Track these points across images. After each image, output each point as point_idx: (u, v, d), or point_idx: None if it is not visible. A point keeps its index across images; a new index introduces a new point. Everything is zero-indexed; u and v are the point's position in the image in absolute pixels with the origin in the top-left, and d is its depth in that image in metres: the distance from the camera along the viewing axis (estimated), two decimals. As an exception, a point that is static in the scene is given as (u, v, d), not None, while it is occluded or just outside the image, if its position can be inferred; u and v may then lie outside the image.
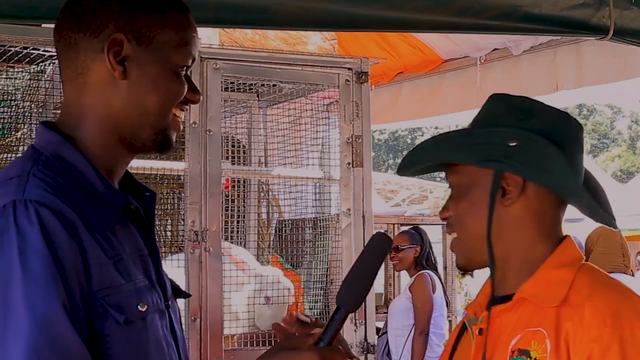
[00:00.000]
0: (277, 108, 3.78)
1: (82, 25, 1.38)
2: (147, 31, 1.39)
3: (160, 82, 1.40)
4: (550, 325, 1.39)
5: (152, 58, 1.39)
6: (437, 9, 2.48)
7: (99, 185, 1.37)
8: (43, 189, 1.28)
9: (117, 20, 1.38)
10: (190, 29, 1.44)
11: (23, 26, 2.72)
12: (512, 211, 1.48)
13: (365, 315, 3.25)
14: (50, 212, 1.25)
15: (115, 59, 1.37)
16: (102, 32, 1.37)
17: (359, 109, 3.30)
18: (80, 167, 1.37)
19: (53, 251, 1.23)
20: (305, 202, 3.71)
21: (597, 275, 1.48)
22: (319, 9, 2.37)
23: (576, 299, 1.40)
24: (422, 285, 5.40)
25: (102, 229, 1.33)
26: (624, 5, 2.66)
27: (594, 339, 1.35)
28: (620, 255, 5.08)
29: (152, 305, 1.37)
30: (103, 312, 1.29)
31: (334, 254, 3.41)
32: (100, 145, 1.39)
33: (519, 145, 1.45)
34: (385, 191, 13.83)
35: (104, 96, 1.39)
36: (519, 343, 1.42)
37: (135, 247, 1.40)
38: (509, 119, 1.50)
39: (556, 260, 1.47)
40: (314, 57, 3.47)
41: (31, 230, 1.23)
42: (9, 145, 3.04)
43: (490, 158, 1.46)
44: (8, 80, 3.05)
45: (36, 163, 1.34)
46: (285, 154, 3.70)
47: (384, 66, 4.76)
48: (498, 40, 4.36)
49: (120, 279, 1.32)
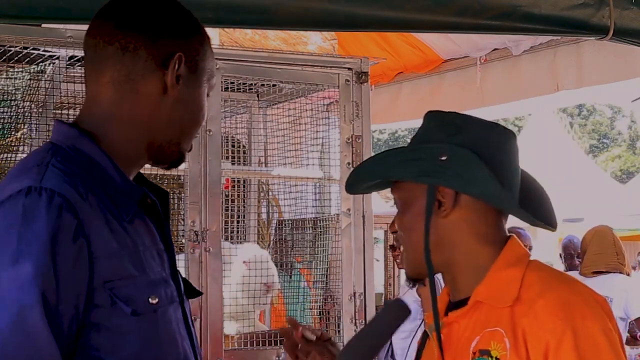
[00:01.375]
0: (277, 108, 3.78)
1: (147, 37, 1.45)
2: (197, 56, 1.49)
3: (198, 105, 1.50)
4: (507, 324, 1.46)
5: (196, 82, 1.49)
6: (437, 9, 2.47)
7: (117, 178, 1.41)
8: (61, 179, 1.32)
9: (179, 41, 1.47)
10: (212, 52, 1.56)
11: (23, 26, 2.72)
12: (448, 221, 1.54)
13: (365, 316, 3.25)
14: (63, 202, 1.28)
15: (174, 77, 1.46)
16: (164, 49, 1.45)
17: (359, 109, 3.30)
18: (97, 159, 1.41)
19: (54, 242, 1.25)
20: (305, 202, 3.70)
21: (545, 270, 1.55)
22: (319, 9, 2.37)
23: (528, 296, 1.47)
24: None
25: (121, 219, 1.37)
26: (624, 5, 2.66)
27: (548, 331, 1.41)
28: (614, 254, 5.08)
29: (165, 298, 1.41)
30: (112, 303, 1.32)
31: (334, 254, 3.41)
32: (125, 147, 1.45)
33: (448, 160, 1.51)
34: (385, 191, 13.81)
35: (149, 106, 1.45)
36: (479, 344, 1.48)
37: (153, 240, 1.45)
38: (439, 135, 1.57)
39: (503, 261, 1.53)
40: (314, 57, 3.47)
41: (38, 218, 1.26)
42: (9, 145, 3.04)
43: (424, 173, 1.53)
44: (8, 80, 3.04)
45: (55, 155, 1.38)
46: (285, 154, 3.70)
47: (384, 66, 4.75)
48: (498, 40, 4.36)
49: (132, 271, 1.36)
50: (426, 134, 1.60)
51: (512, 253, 1.55)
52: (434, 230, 1.53)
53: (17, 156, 2.99)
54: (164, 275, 1.44)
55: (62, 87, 3.02)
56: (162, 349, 1.38)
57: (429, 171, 1.52)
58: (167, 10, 1.50)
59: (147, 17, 1.47)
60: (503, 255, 1.54)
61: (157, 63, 1.45)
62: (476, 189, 1.52)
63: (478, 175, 1.51)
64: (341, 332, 3.23)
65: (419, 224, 1.53)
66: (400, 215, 1.59)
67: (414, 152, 1.57)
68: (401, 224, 1.59)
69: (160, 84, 1.45)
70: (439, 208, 1.53)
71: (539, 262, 1.57)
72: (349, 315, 3.23)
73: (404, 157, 1.58)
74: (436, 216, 1.53)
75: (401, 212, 1.59)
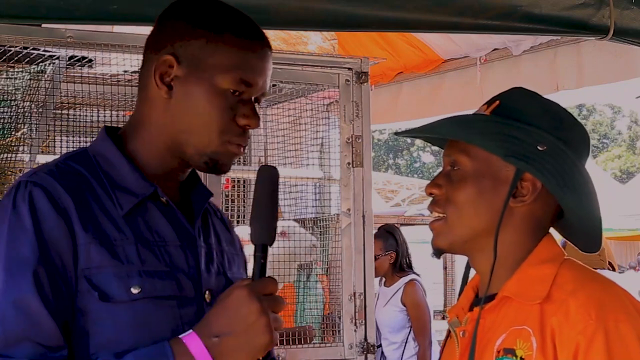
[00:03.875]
0: (277, 108, 3.77)
1: (150, 42, 1.50)
2: (200, 53, 1.45)
3: (202, 104, 1.45)
4: (535, 323, 1.39)
5: (199, 80, 1.45)
6: (437, 9, 2.47)
7: (127, 177, 1.46)
8: (49, 173, 1.41)
9: (174, 42, 1.46)
10: (246, 52, 1.47)
11: (23, 26, 2.72)
12: (516, 212, 1.47)
13: (365, 315, 3.25)
14: (42, 192, 1.37)
15: (164, 79, 1.46)
16: (160, 51, 1.47)
17: (359, 109, 3.30)
18: (113, 160, 1.47)
19: (37, 226, 1.35)
20: (305, 202, 3.70)
21: (580, 270, 1.48)
22: (319, 9, 2.37)
23: (559, 295, 1.40)
24: (417, 297, 5.21)
25: (116, 212, 1.42)
26: (624, 5, 2.66)
27: (579, 332, 1.35)
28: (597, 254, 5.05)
29: (152, 291, 1.40)
30: (87, 289, 1.37)
31: (333, 254, 3.40)
32: (148, 152, 1.49)
33: (547, 152, 1.44)
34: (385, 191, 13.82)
35: (154, 111, 1.48)
36: (504, 342, 1.42)
37: (162, 236, 1.45)
38: (542, 121, 1.48)
39: (537, 257, 1.47)
40: (314, 57, 3.47)
41: (23, 206, 1.36)
42: (9, 145, 3.04)
43: (517, 154, 1.44)
44: (8, 80, 3.04)
45: (70, 156, 1.48)
46: (285, 154, 3.69)
47: (384, 66, 4.76)
48: (498, 40, 4.36)
49: (111, 261, 1.38)
50: (525, 114, 1.49)
51: (547, 250, 1.48)
52: (495, 213, 1.45)
53: (17, 156, 2.99)
54: (165, 270, 1.43)
55: (62, 87, 3.01)
56: (139, 340, 1.37)
57: (523, 154, 1.44)
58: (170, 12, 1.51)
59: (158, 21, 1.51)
60: (537, 252, 1.48)
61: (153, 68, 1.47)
62: (573, 196, 1.46)
63: (579, 181, 1.46)
64: (341, 332, 3.23)
65: (485, 203, 1.45)
66: (460, 184, 1.48)
67: (509, 128, 1.47)
68: (458, 193, 1.48)
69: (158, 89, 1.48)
70: (515, 195, 1.45)
71: (575, 261, 1.50)
72: (349, 315, 3.23)
73: (497, 129, 1.47)
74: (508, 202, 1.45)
75: (462, 181, 1.48)
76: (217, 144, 1.46)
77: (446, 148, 1.54)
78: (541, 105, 1.52)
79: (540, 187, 1.46)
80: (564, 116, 1.51)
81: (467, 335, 1.49)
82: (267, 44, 1.52)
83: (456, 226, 1.49)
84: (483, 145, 1.47)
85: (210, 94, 1.45)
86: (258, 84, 1.48)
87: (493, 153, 1.46)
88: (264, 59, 1.50)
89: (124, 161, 1.47)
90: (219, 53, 1.45)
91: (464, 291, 1.59)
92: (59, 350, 1.34)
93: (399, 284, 5.27)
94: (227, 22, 1.49)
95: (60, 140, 3.13)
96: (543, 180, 1.45)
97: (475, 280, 1.59)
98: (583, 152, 1.52)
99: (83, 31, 2.83)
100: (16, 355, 1.30)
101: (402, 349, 5.23)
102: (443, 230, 1.50)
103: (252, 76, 1.47)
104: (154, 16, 1.54)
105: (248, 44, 1.48)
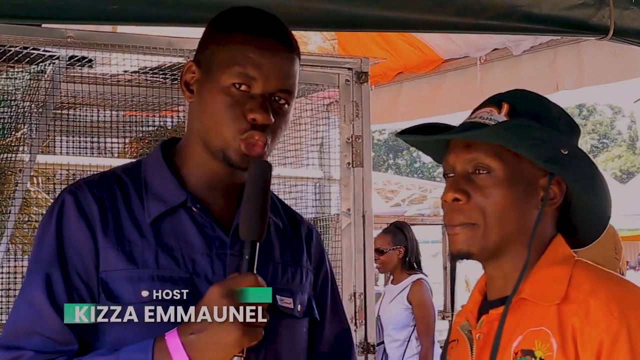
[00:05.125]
0: (277, 108, 3.77)
1: (196, 54, 1.58)
2: (211, 55, 1.51)
3: (211, 103, 1.49)
4: (553, 324, 1.39)
5: (209, 81, 1.50)
6: (437, 9, 2.47)
7: (164, 185, 1.53)
8: (87, 182, 1.52)
9: (200, 49, 1.55)
10: (249, 46, 1.49)
11: (23, 26, 2.72)
12: (544, 215, 1.47)
13: (365, 315, 3.25)
14: (72, 199, 1.48)
15: (189, 84, 1.54)
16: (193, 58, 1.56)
17: (359, 109, 3.30)
18: (157, 170, 1.55)
19: (59, 230, 1.46)
20: (305, 202, 3.70)
21: (595, 270, 1.48)
22: (319, 9, 2.37)
23: (578, 295, 1.40)
24: (424, 296, 5.18)
25: (143, 219, 1.49)
26: (624, 5, 2.66)
27: (602, 331, 1.35)
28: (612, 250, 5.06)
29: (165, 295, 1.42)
30: (101, 290, 1.45)
31: (333, 254, 3.40)
32: (190, 159, 1.55)
33: (569, 155, 1.45)
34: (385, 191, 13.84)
35: (189, 118, 1.58)
36: (522, 344, 1.41)
37: (189, 243, 1.49)
38: (560, 125, 1.49)
39: (550, 259, 1.47)
40: (314, 57, 3.47)
41: (54, 212, 1.48)
42: (9, 145, 3.04)
43: (551, 160, 1.45)
44: (8, 80, 3.04)
45: (123, 165, 1.59)
46: (285, 154, 3.69)
47: (384, 66, 4.76)
48: (498, 40, 4.36)
49: (127, 264, 1.45)
50: (543, 118, 1.48)
51: (558, 251, 1.49)
52: (524, 217, 1.45)
53: (17, 156, 2.99)
54: (184, 275, 1.46)
55: (62, 87, 3.01)
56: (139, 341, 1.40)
57: (554, 159, 1.44)
58: (211, 22, 1.58)
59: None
60: (549, 253, 1.48)
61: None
62: (595, 199, 1.49)
63: (598, 184, 1.48)
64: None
65: (519, 208, 1.45)
66: (494, 190, 1.44)
67: (539, 132, 1.46)
68: (492, 200, 1.44)
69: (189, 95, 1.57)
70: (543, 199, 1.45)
71: (586, 262, 1.49)
72: (349, 316, 3.22)
73: (529, 134, 1.45)
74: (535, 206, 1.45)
75: (497, 187, 1.44)
76: (228, 139, 1.48)
77: (462, 151, 1.49)
78: (556, 110, 1.52)
79: (565, 189, 1.48)
80: (572, 121, 1.54)
81: (483, 338, 1.48)
82: (281, 40, 1.52)
83: (490, 233, 1.45)
84: (515, 148, 1.45)
85: (216, 91, 1.48)
86: (261, 77, 1.48)
87: (532, 159, 1.46)
88: (270, 52, 1.49)
89: (165, 170, 1.54)
90: (224, 51, 1.49)
91: (471, 294, 1.58)
92: (68, 344, 1.42)
93: (406, 282, 5.25)
94: (237, 20, 1.52)
95: (60, 140, 3.14)
96: (571, 183, 1.47)
97: (481, 283, 1.58)
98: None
99: (83, 31, 2.83)
100: (25, 347, 1.40)
101: (404, 347, 5.21)
102: (474, 236, 1.46)
103: (250, 68, 1.47)
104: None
105: (252, 39, 1.49)
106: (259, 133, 1.46)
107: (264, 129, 1.47)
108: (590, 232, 1.57)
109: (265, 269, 1.55)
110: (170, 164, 1.56)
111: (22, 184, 3.00)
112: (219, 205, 1.54)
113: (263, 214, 1.39)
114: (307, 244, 1.67)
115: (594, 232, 1.57)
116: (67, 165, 3.03)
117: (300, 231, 1.68)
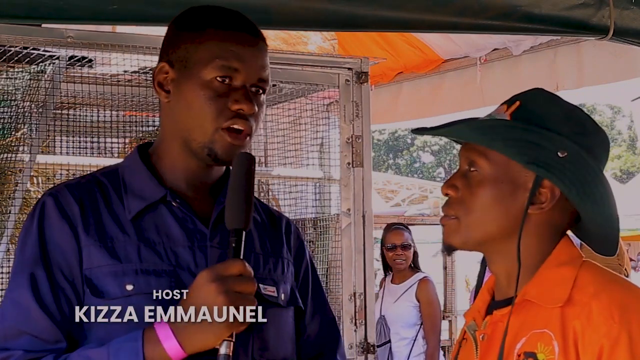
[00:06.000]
0: (277, 108, 3.78)
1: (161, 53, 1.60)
2: (186, 53, 1.54)
3: (192, 99, 1.52)
4: (556, 326, 1.38)
5: (187, 78, 1.53)
6: (437, 9, 2.47)
7: (143, 184, 1.56)
8: (67, 185, 1.55)
9: (168, 50, 1.58)
10: (226, 41, 1.54)
11: (23, 26, 2.72)
12: (534, 219, 1.46)
13: (365, 315, 3.25)
14: (53, 201, 1.51)
15: (163, 86, 1.56)
16: (160, 62, 1.58)
17: (359, 109, 3.30)
18: (135, 170, 1.58)
19: (42, 231, 1.49)
20: (305, 202, 3.70)
21: (600, 272, 1.46)
22: (319, 9, 2.37)
23: (581, 298, 1.39)
24: (432, 295, 5.26)
25: (124, 216, 1.52)
26: (624, 5, 2.66)
27: (603, 335, 1.34)
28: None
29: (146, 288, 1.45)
30: (86, 287, 1.47)
31: (333, 254, 3.41)
32: (167, 158, 1.58)
33: (567, 159, 1.43)
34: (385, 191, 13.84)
35: (163, 118, 1.60)
36: (525, 346, 1.40)
37: (170, 237, 1.52)
38: (564, 127, 1.46)
39: (556, 260, 1.46)
40: (314, 57, 3.47)
41: (36, 214, 1.51)
42: (9, 145, 3.04)
43: (538, 161, 1.43)
44: (8, 80, 3.04)
45: (102, 169, 1.63)
46: (285, 154, 3.70)
47: (384, 66, 4.76)
48: (498, 40, 4.36)
49: (110, 260, 1.48)
50: (546, 119, 1.46)
51: (565, 252, 1.47)
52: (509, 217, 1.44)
53: (17, 156, 2.99)
54: (166, 268, 1.48)
55: (62, 87, 3.02)
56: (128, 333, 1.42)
57: (544, 161, 1.42)
58: (169, 25, 1.61)
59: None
60: (555, 254, 1.46)
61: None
62: (592, 205, 1.45)
63: (599, 189, 1.44)
64: (341, 332, 3.23)
65: (502, 208, 1.44)
66: (477, 187, 1.46)
67: (531, 134, 1.44)
68: (475, 197, 1.46)
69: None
70: (533, 202, 1.44)
71: (594, 263, 1.47)
72: (349, 315, 3.23)
73: (518, 135, 1.44)
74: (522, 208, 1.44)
75: (479, 185, 1.46)
76: (212, 132, 1.51)
77: (464, 147, 1.52)
78: (563, 111, 1.49)
79: (559, 194, 1.45)
80: (586, 122, 1.49)
81: (487, 339, 1.48)
82: (252, 33, 1.57)
83: (470, 228, 1.47)
84: (505, 152, 1.45)
85: (197, 87, 1.51)
86: (244, 69, 1.52)
87: (514, 160, 1.45)
88: (247, 45, 1.55)
89: (143, 170, 1.58)
90: (202, 48, 1.53)
91: (479, 294, 1.57)
92: (56, 343, 1.44)
93: (412, 280, 5.32)
94: (208, 19, 1.56)
95: (60, 140, 3.14)
96: (562, 188, 1.43)
97: (490, 283, 1.57)
98: (603, 159, 1.50)
99: (83, 31, 2.83)
100: (14, 347, 1.42)
101: (410, 345, 5.25)
102: (455, 229, 1.49)
103: (234, 61, 1.52)
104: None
105: (228, 34, 1.54)
106: (243, 120, 1.51)
107: (247, 118, 1.52)
108: (599, 244, 1.54)
109: (247, 259, 1.54)
110: (148, 165, 1.59)
111: (22, 184, 3.00)
112: (197, 200, 1.58)
113: (248, 203, 1.42)
114: (287, 236, 1.70)
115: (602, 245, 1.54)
116: (67, 165, 3.03)
117: (278, 224, 1.71)
